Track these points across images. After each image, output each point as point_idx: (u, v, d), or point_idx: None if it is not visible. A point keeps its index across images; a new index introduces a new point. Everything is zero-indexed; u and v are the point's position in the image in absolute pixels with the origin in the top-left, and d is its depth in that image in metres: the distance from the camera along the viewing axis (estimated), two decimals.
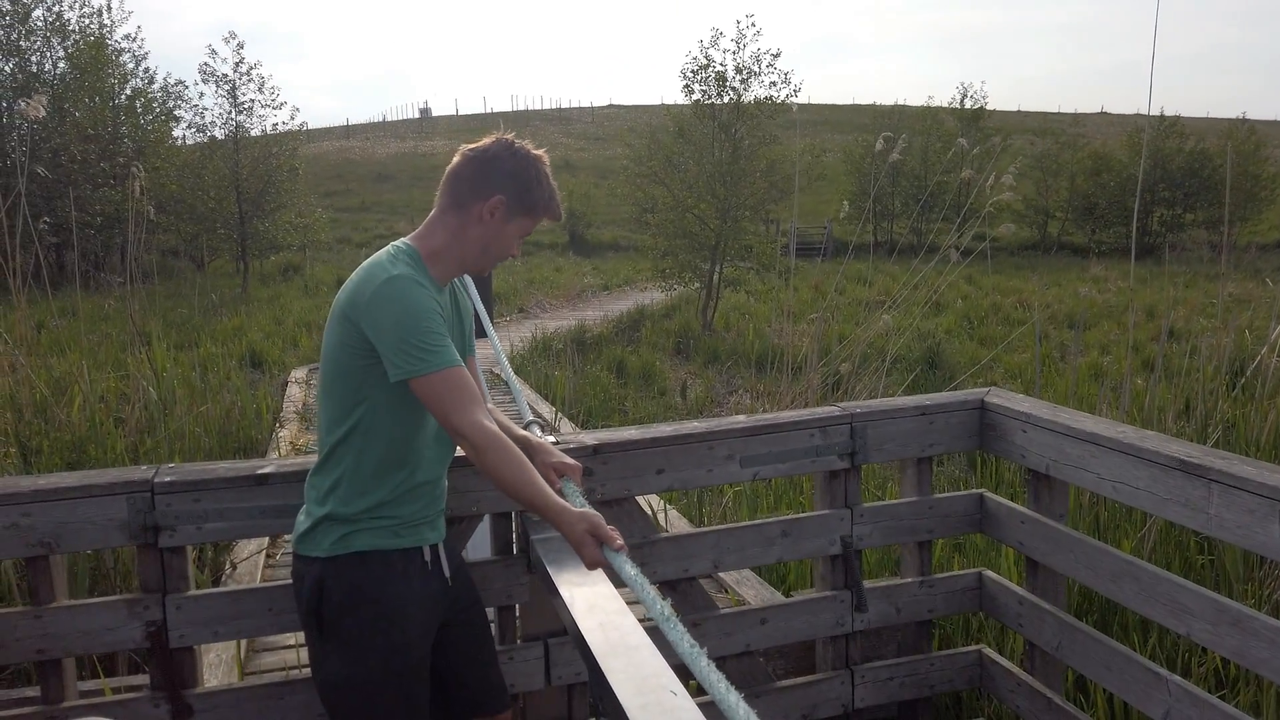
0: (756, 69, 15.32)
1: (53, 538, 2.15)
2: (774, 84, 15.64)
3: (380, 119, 67.75)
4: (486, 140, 2.02)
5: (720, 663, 2.45)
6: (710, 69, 15.36)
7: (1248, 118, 35.73)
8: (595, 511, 1.86)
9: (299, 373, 10.21)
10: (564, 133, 55.22)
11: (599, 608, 1.91)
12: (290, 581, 2.36)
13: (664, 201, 15.61)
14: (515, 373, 6.46)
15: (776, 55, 15.39)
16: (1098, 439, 2.38)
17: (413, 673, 1.97)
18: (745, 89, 15.35)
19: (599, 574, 2.11)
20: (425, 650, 2.01)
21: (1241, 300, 14.66)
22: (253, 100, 20.47)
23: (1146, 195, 31.44)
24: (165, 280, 17.48)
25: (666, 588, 2.56)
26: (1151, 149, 31.69)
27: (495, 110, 69.46)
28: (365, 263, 1.96)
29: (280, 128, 21.11)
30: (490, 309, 5.27)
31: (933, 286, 9.65)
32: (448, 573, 2.09)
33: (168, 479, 2.21)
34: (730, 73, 15.34)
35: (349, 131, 58.91)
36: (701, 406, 9.83)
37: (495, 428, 1.87)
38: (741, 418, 2.68)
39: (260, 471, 2.27)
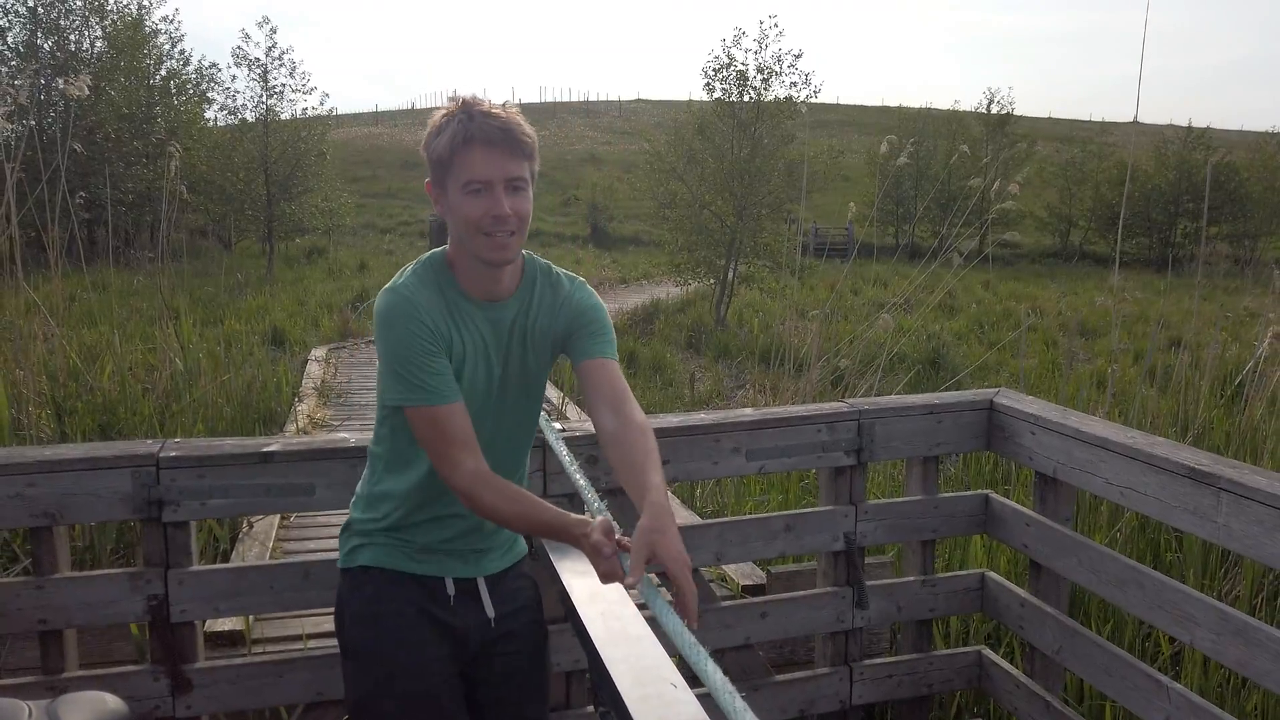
0: (778, 69, 15.33)
1: (57, 509, 2.17)
2: (794, 84, 15.65)
3: (410, 106, 67.97)
4: None
5: (719, 655, 2.43)
6: (732, 68, 15.37)
7: (1278, 131, 35.30)
8: (605, 518, 1.66)
9: (319, 351, 10.30)
10: (590, 126, 55.27)
11: (600, 596, 1.90)
12: (292, 563, 2.40)
13: (682, 197, 15.61)
14: None
15: (798, 56, 15.40)
16: (1107, 443, 2.36)
17: (431, 698, 1.79)
18: (766, 88, 15.35)
19: None
20: (444, 677, 1.81)
21: (1255, 314, 14.55)
22: (284, 85, 20.66)
23: (1170, 207, 31.18)
24: (193, 259, 17.67)
25: (666, 577, 2.55)
26: (1178, 160, 31.42)
27: (524, 101, 69.53)
28: None
29: (310, 113, 21.25)
30: None
31: (942, 289, 9.69)
32: (490, 612, 1.89)
33: (172, 454, 2.22)
34: (751, 72, 15.36)
35: (377, 118, 59.18)
36: (709, 399, 9.87)
37: (481, 467, 1.69)
38: (748, 410, 2.68)
39: (265, 450, 2.28)
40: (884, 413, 2.69)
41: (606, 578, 1.61)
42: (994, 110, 33.42)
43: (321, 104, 21.78)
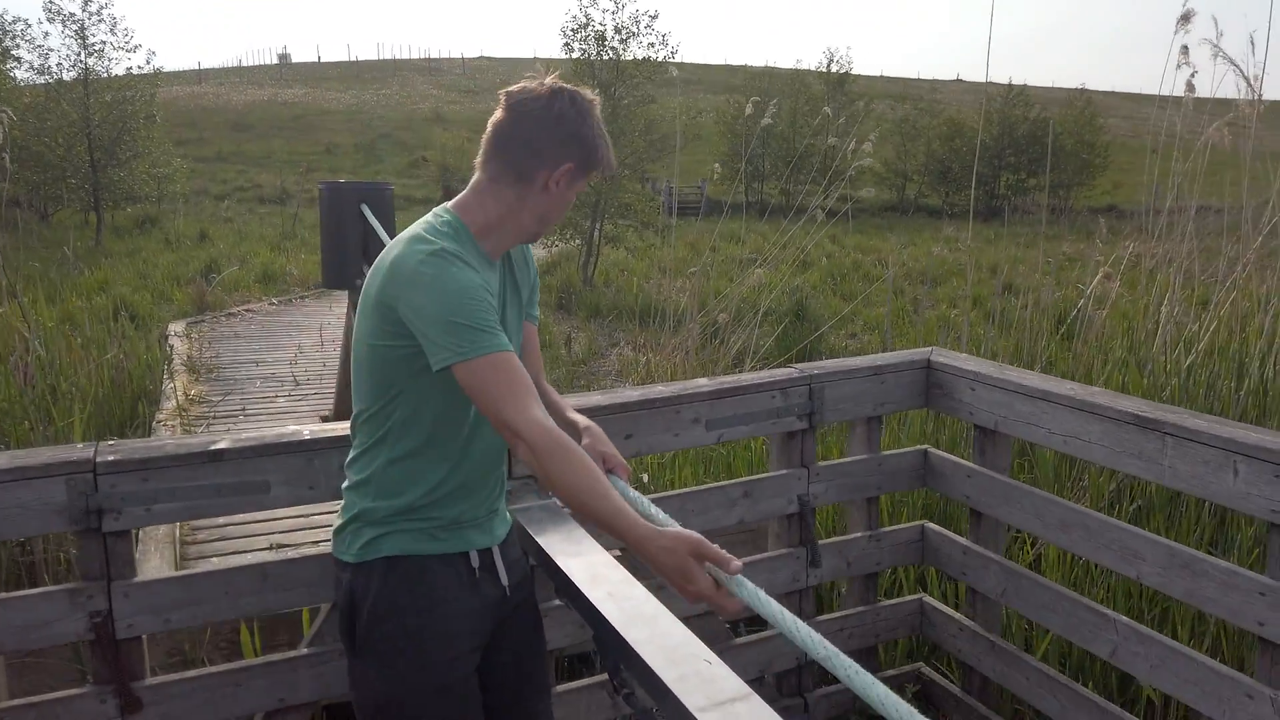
0: (635, 29, 15.30)
1: None
2: (652, 45, 15.66)
3: (236, 64, 64.01)
4: (534, 87, 1.69)
5: (685, 622, 2.47)
6: (590, 28, 15.23)
7: (1086, 88, 37.99)
8: (692, 531, 1.50)
9: (177, 326, 9.70)
10: (434, 84, 53.52)
11: (603, 577, 1.87)
12: (248, 564, 2.24)
13: None
14: None
15: (654, 16, 15.40)
16: (1050, 395, 2.50)
17: (458, 690, 1.75)
18: (624, 49, 15.30)
19: (588, 539, 2.06)
20: (471, 665, 1.78)
21: (1074, 259, 15.82)
22: (104, 42, 18.93)
23: (994, 161, 33.13)
24: (7, 232, 16.15)
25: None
26: (1000, 116, 33.37)
27: (361, 59, 66.55)
28: (401, 235, 1.69)
29: (136, 72, 19.57)
30: None
31: (800, 245, 10.09)
32: (505, 581, 1.85)
33: (110, 458, 2.03)
34: (609, 32, 15.26)
35: (201, 76, 55.29)
36: (586, 358, 9.91)
37: (555, 426, 1.58)
38: (704, 380, 2.68)
39: (214, 448, 2.12)
40: (832, 376, 2.75)
41: (697, 599, 1.48)
42: (834, 69, 34.44)
43: (148, 63, 20.17)
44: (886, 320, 6.73)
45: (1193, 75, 5.33)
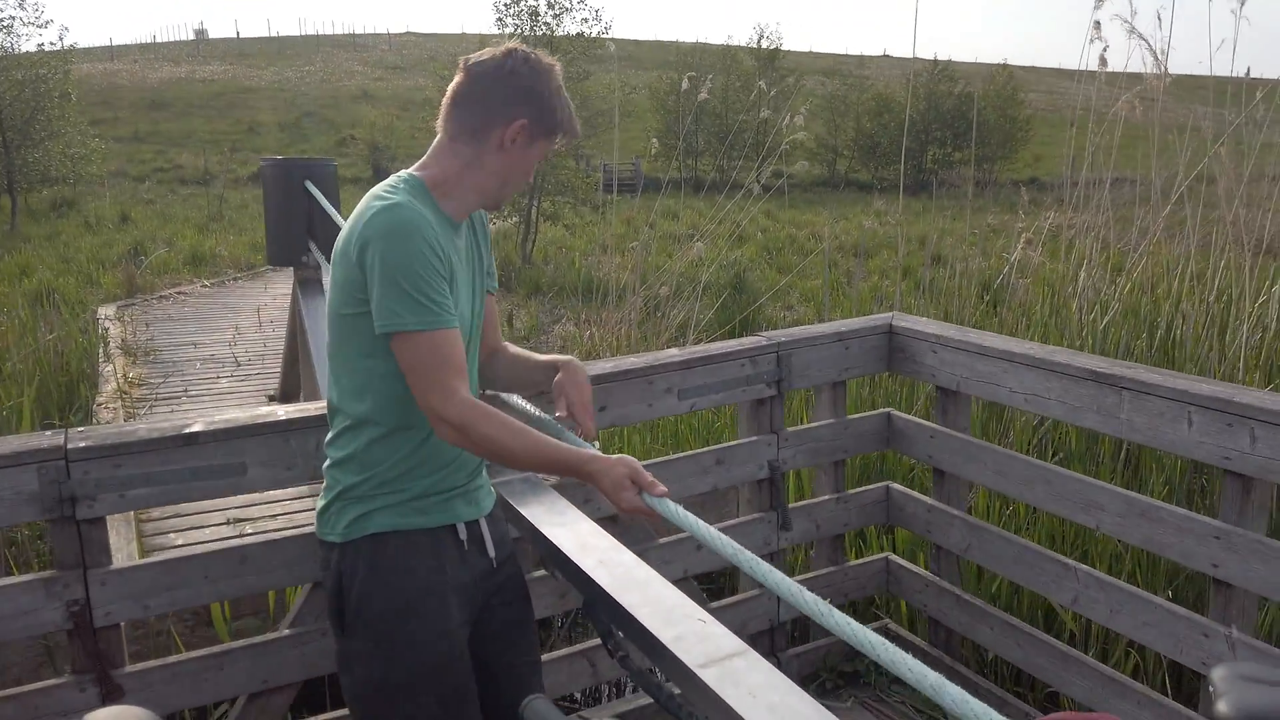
0: (568, 4, 15.21)
1: None
2: (585, 20, 15.60)
3: (150, 40, 61.81)
4: (492, 52, 1.73)
5: None
6: (523, 3, 15.09)
7: (1008, 64, 38.78)
8: (628, 456, 1.66)
9: (108, 310, 9.51)
10: (359, 61, 52.22)
11: (592, 545, 1.91)
12: (227, 548, 2.22)
13: None
14: None
15: None
16: (1010, 355, 2.59)
17: (451, 665, 1.75)
18: (558, 24, 15.18)
19: (573, 510, 2.09)
20: (462, 639, 1.78)
21: (998, 230, 16.33)
22: (12, 18, 18.19)
23: (921, 135, 33.73)
24: None
25: (609, 522, 2.58)
26: (926, 92, 33.93)
27: (281, 34, 64.63)
28: (365, 196, 1.71)
29: (48, 48, 18.76)
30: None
31: (735, 220, 10.29)
32: (493, 553, 1.86)
33: (82, 444, 1.98)
34: (542, 8, 15.15)
35: (113, 53, 53.08)
36: (529, 334, 9.93)
37: (474, 398, 1.64)
38: (675, 351, 2.71)
39: (188, 431, 2.08)
40: (799, 343, 2.80)
41: (631, 511, 1.63)
42: (764, 45, 34.60)
43: (61, 39, 19.36)
44: (825, 292, 6.93)
45: (1105, 50, 5.56)
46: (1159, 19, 5.67)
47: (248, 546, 2.20)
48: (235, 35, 64.89)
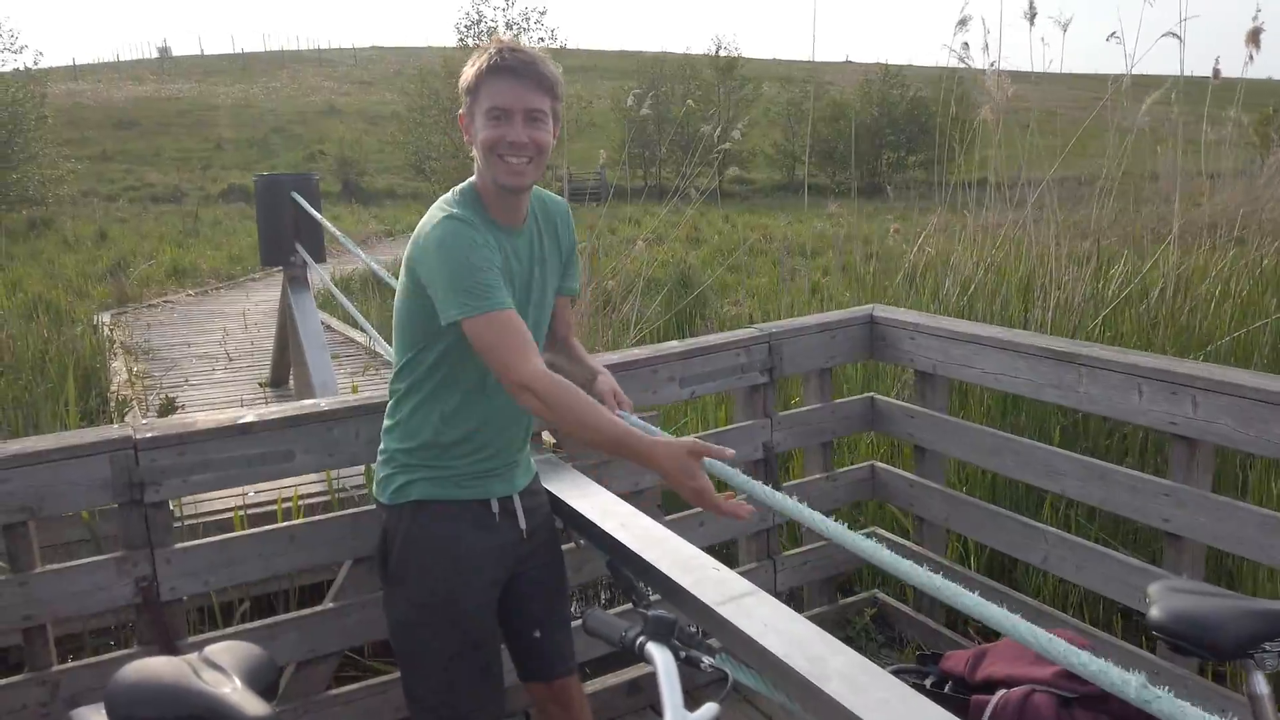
0: (525, 25, 15.59)
1: (34, 502, 2.08)
2: (542, 39, 15.94)
3: (114, 59, 61.19)
4: None
5: None
6: (483, 22, 15.41)
7: (959, 65, 39.58)
8: (689, 437, 1.79)
9: (104, 317, 10.14)
10: (325, 76, 51.96)
11: (613, 512, 2.16)
12: (278, 528, 2.41)
13: (444, 148, 15.42)
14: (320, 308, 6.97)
15: (543, 13, 15.79)
16: (979, 339, 2.85)
17: (472, 619, 1.96)
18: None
19: (592, 484, 2.33)
20: (486, 598, 1.99)
21: (942, 230, 16.97)
22: None
23: (875, 140, 34.37)
24: None
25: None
26: (880, 98, 34.60)
27: (246, 50, 64.13)
28: (433, 205, 1.91)
29: (25, 72, 18.66)
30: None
31: (693, 224, 10.82)
32: (523, 525, 2.04)
33: (149, 434, 2.18)
34: (501, 28, 15.47)
35: (76, 73, 52.35)
36: None
37: (553, 373, 1.77)
38: (675, 343, 2.95)
39: (242, 421, 2.28)
40: (789, 333, 3.05)
41: (698, 496, 1.71)
42: (722, 55, 35.06)
43: (35, 63, 19.26)
44: (782, 287, 7.60)
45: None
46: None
47: (295, 526, 2.41)
48: (200, 52, 64.39)
